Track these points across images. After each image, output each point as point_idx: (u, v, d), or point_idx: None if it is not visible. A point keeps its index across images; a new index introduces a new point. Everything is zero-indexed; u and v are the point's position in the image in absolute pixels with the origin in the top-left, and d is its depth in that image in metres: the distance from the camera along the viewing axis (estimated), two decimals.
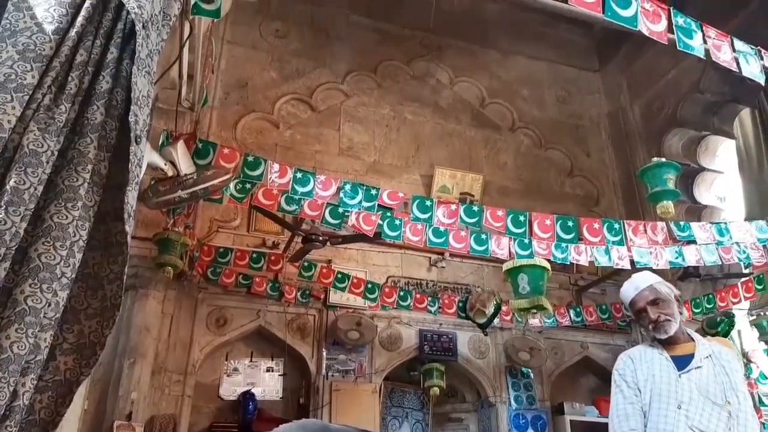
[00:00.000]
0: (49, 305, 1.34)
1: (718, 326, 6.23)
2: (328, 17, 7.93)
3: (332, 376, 5.98)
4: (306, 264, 5.68)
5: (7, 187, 1.38)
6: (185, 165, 3.08)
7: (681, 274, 6.51)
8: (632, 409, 2.45)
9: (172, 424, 5.06)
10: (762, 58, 3.17)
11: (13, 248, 1.34)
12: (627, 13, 2.83)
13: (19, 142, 1.48)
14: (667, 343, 2.52)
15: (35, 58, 1.52)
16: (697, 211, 7.33)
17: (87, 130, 1.58)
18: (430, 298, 6.13)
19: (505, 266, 4.19)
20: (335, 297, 6.18)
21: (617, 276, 6.66)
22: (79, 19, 1.63)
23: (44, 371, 1.39)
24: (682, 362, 2.46)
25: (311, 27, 7.82)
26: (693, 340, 2.52)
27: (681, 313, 2.54)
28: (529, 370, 6.63)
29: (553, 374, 6.74)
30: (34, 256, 1.34)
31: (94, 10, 1.69)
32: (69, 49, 1.59)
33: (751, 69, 3.10)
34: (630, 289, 2.60)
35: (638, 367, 2.51)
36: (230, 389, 5.86)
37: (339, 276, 5.75)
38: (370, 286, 5.86)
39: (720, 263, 4.56)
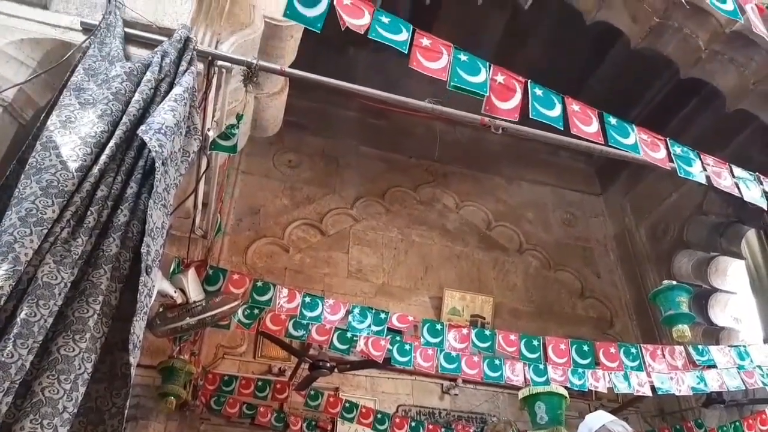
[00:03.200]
0: None
1: None
2: (338, 148, 8.32)
3: None
4: (312, 392, 5.48)
5: (18, 319, 1.39)
6: (195, 292, 3.10)
7: (705, 401, 6.20)
8: None
9: None
10: (761, 183, 3.26)
11: (18, 382, 1.32)
12: (628, 141, 2.96)
13: (34, 274, 1.51)
14: None
15: (57, 193, 1.59)
16: (714, 333, 7.13)
17: (101, 262, 1.62)
18: (443, 429, 5.83)
19: (521, 394, 4.03)
20: (343, 428, 5.89)
21: (639, 402, 6.37)
22: (103, 158, 1.74)
23: None
24: None
25: (322, 157, 8.19)
26: None
27: None
28: None
29: None
30: (37, 390, 1.33)
31: (117, 149, 1.79)
32: (90, 185, 1.68)
33: (752, 194, 3.17)
34: (584, 430, 2.70)
35: None
36: None
37: (347, 405, 5.52)
38: (379, 416, 5.60)
39: (744, 388, 4.37)
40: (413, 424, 5.74)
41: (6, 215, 1.57)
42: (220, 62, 2.64)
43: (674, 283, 3.75)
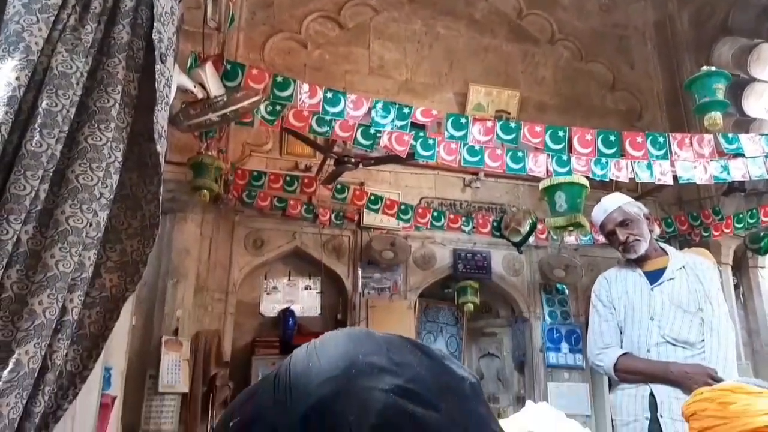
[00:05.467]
0: (90, 225, 1.37)
1: (761, 241, 6.10)
2: None
3: (368, 293, 6.14)
4: (339, 186, 5.69)
5: (40, 109, 1.38)
6: (215, 87, 3.05)
7: (726, 190, 6.30)
8: (607, 327, 2.57)
9: (216, 338, 5.32)
10: None
11: (51, 170, 1.35)
12: None
13: (48, 64, 1.47)
14: (640, 261, 2.59)
15: None
16: (745, 124, 6.99)
17: (114, 50, 1.56)
18: (464, 218, 6.13)
19: (542, 184, 4.12)
20: (369, 218, 6.23)
21: (657, 192, 6.51)
22: None
23: (91, 288, 1.44)
24: (655, 276, 2.55)
25: None
26: (666, 254, 2.59)
27: (651, 231, 2.61)
28: (564, 287, 6.67)
29: (588, 290, 6.75)
30: (71, 177, 1.36)
31: None
32: None
33: None
34: (599, 212, 2.66)
35: (612, 286, 2.63)
36: (270, 307, 6.09)
37: (372, 198, 5.77)
38: (403, 207, 5.87)
39: (766, 177, 4.39)
40: (435, 214, 6.04)
41: (8, 3, 1.49)
42: None
43: (713, 68, 3.57)
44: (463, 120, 3.72)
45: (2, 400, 1.19)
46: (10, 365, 1.21)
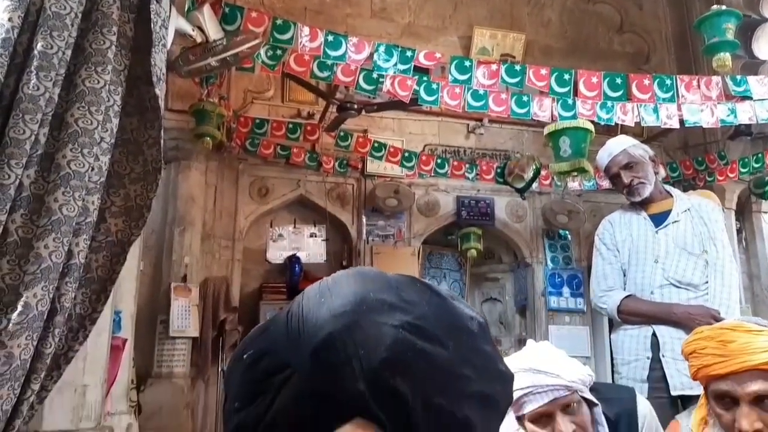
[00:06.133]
0: (92, 169, 1.37)
1: (766, 186, 6.07)
2: None
3: (372, 240, 6.18)
4: (342, 134, 5.65)
5: (35, 51, 1.36)
6: (213, 31, 2.98)
7: (732, 133, 6.22)
8: (610, 269, 2.58)
9: (224, 285, 5.40)
10: None
11: (50, 114, 1.35)
12: None
13: (41, 4, 1.43)
14: (645, 203, 2.57)
15: None
16: (754, 67, 6.81)
17: None
18: (467, 165, 6.10)
19: (547, 129, 4.07)
20: (372, 166, 6.21)
21: (663, 137, 6.44)
22: None
23: (96, 233, 1.45)
24: (659, 219, 2.54)
25: None
26: (671, 197, 2.58)
27: (657, 173, 2.58)
28: (567, 233, 6.70)
29: (591, 236, 6.78)
30: (71, 121, 1.35)
31: None
32: None
33: None
34: (604, 155, 2.62)
35: (617, 229, 2.62)
36: (276, 254, 6.15)
37: (375, 145, 5.72)
38: (407, 154, 5.84)
39: None
40: (439, 161, 6.00)
41: None
42: None
43: (723, 8, 3.46)
44: (467, 63, 3.65)
45: (13, 342, 1.22)
46: (19, 308, 1.23)
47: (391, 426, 0.62)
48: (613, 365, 2.71)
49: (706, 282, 2.40)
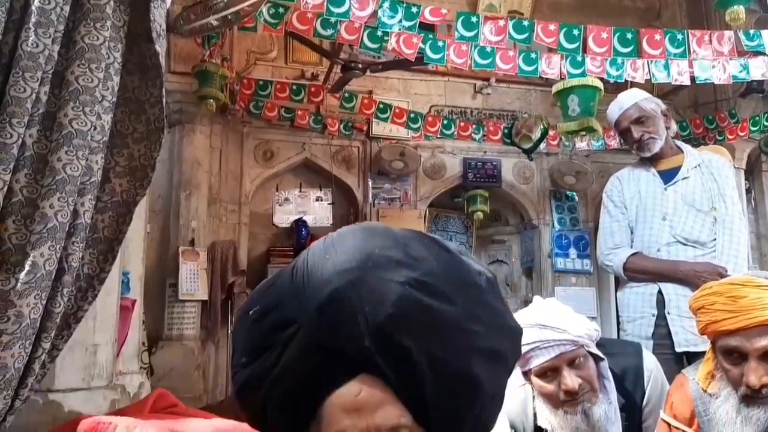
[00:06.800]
0: (95, 128, 1.35)
1: None
2: None
3: (378, 203, 6.18)
4: (347, 95, 5.58)
5: (33, 8, 1.32)
6: None
7: (743, 91, 6.11)
8: (617, 227, 2.55)
9: (232, 248, 5.43)
10: None
11: (50, 72, 1.32)
12: None
13: None
14: (655, 159, 2.52)
15: None
16: None
17: None
18: (474, 126, 6.03)
19: (555, 88, 4.00)
20: (378, 128, 6.15)
21: (673, 95, 6.33)
22: None
23: (101, 193, 1.44)
24: (669, 175, 2.49)
25: None
26: (682, 153, 2.52)
27: (668, 128, 2.51)
28: (574, 194, 6.67)
29: (598, 197, 6.75)
30: (71, 79, 1.33)
31: None
32: None
33: None
34: (615, 109, 2.55)
35: (625, 186, 2.58)
36: (283, 217, 6.17)
37: (381, 106, 5.66)
38: (412, 116, 5.77)
39: None
40: (445, 122, 5.94)
41: None
42: None
43: None
44: (474, 19, 3.56)
45: (22, 301, 1.22)
46: (27, 267, 1.23)
47: (397, 381, 0.62)
48: (618, 324, 2.71)
49: (714, 240, 2.38)
